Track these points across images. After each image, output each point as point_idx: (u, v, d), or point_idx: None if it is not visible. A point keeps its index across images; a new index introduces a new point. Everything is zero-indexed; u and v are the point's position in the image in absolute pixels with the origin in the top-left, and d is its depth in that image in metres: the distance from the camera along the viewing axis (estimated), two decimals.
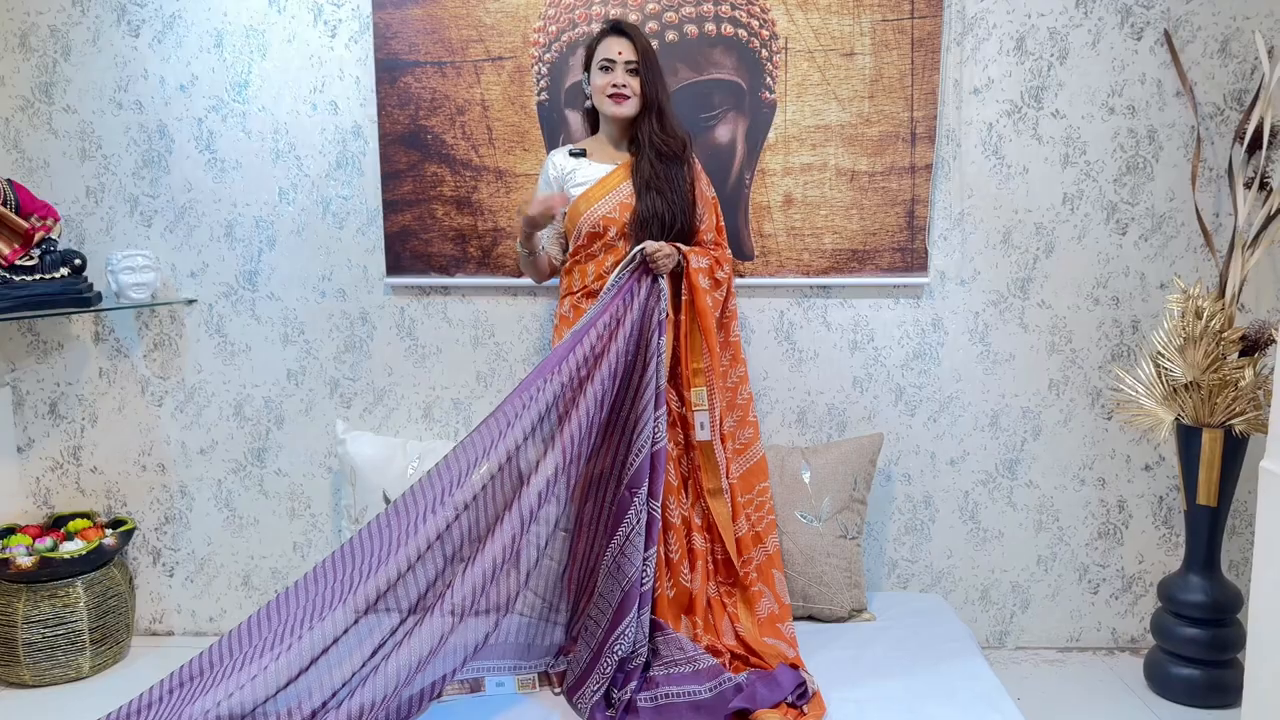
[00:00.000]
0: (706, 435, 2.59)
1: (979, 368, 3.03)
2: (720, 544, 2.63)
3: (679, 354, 2.59)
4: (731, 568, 2.62)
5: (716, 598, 2.62)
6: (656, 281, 2.48)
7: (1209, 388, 2.67)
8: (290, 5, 2.93)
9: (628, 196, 2.58)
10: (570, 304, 2.66)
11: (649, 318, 2.45)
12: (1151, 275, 2.97)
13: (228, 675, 2.09)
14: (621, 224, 2.58)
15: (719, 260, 2.63)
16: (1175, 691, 2.79)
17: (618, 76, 2.54)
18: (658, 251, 2.45)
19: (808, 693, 2.31)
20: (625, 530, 2.40)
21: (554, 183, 2.67)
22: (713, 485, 2.62)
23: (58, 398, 3.10)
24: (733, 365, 2.71)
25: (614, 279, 2.46)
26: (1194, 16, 2.85)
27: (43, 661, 2.82)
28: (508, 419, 2.31)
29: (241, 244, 3.03)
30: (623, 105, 2.56)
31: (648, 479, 2.41)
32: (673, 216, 2.55)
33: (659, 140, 2.57)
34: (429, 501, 2.25)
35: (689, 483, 2.63)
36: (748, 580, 2.61)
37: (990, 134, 2.93)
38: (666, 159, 2.57)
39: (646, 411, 2.41)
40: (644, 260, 2.46)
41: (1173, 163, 2.92)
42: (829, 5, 2.84)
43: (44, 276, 2.79)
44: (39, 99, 2.97)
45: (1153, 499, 3.07)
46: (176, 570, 3.18)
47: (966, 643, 2.64)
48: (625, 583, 2.38)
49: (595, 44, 2.59)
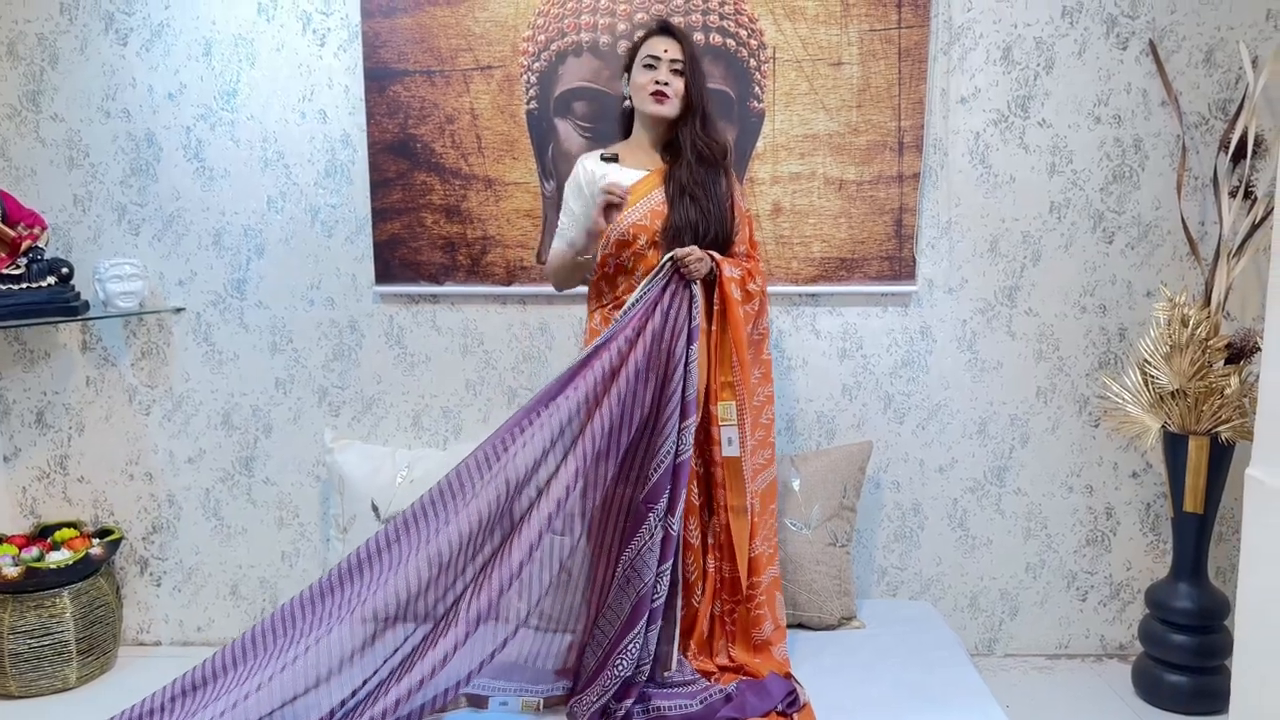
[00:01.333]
0: (735, 451, 2.46)
1: (967, 375, 3.04)
2: (730, 563, 2.49)
3: (708, 366, 2.46)
4: (736, 587, 2.49)
5: (719, 616, 2.54)
6: (689, 288, 2.36)
7: (1195, 395, 2.69)
8: (279, 14, 2.93)
9: (660, 204, 2.47)
10: (601, 317, 2.56)
11: (678, 326, 2.34)
12: (1138, 283, 2.99)
13: (230, 688, 2.08)
14: (652, 232, 2.46)
15: (751, 272, 2.51)
16: (1163, 698, 2.80)
17: (662, 74, 2.45)
18: (689, 255, 2.33)
19: (798, 701, 2.30)
20: (638, 544, 2.32)
21: (584, 187, 2.55)
22: (737, 503, 2.47)
23: (44, 407, 3.09)
24: (762, 383, 2.59)
25: (642, 289, 2.35)
26: (1179, 27, 2.88)
27: (29, 672, 2.80)
28: (521, 434, 2.26)
29: (230, 252, 3.03)
30: (664, 105, 2.46)
31: (667, 493, 2.32)
32: (707, 225, 2.44)
33: (701, 143, 2.47)
34: (439, 519, 2.22)
35: (710, 501, 2.53)
36: (754, 603, 2.50)
37: (977, 143, 2.94)
38: (707, 163, 2.47)
39: (670, 422, 2.32)
40: (674, 268, 2.36)
41: (1158, 172, 2.94)
42: (817, 15, 2.86)
43: (31, 285, 2.78)
44: (26, 107, 2.96)
45: (1140, 506, 3.09)
46: (164, 580, 3.17)
47: (955, 650, 2.65)
48: (635, 595, 2.31)
49: (640, 43, 2.51)
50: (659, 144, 2.57)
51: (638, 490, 2.36)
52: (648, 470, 2.35)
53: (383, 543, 2.23)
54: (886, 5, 2.85)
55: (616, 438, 2.30)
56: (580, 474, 2.24)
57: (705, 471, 2.52)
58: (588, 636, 2.40)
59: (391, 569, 2.19)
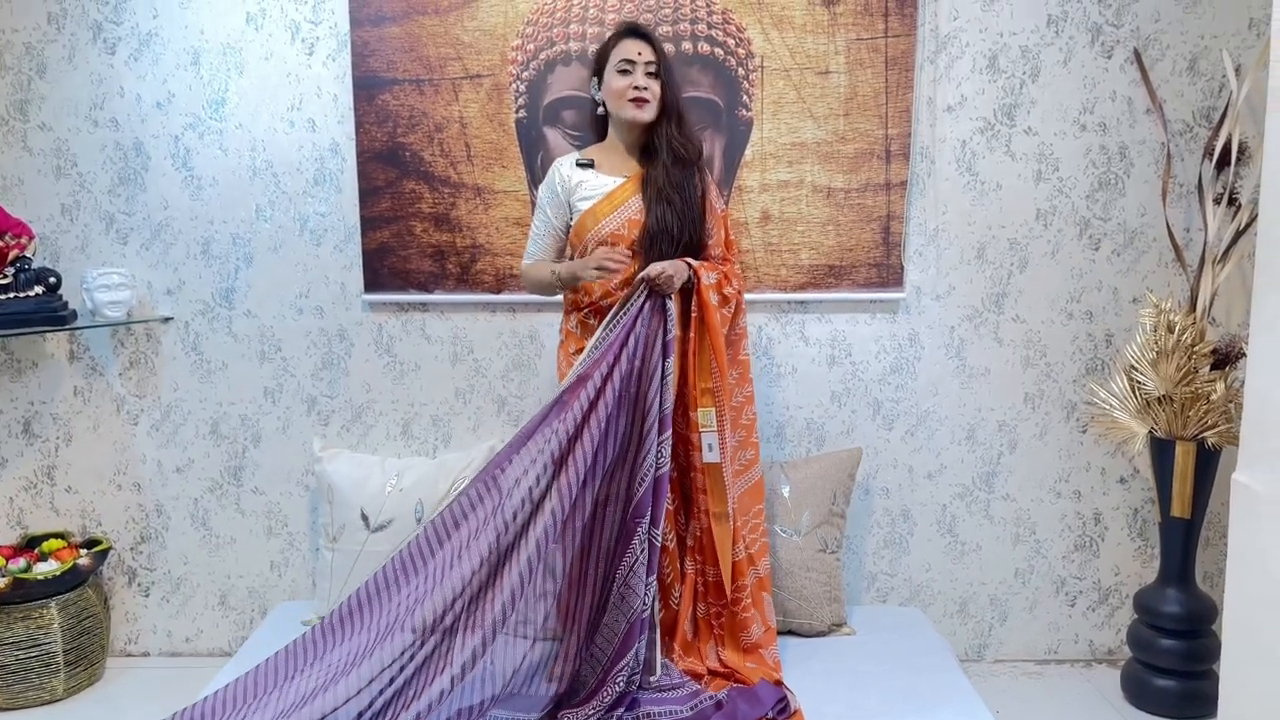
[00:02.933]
0: (715, 457, 2.46)
1: (955, 382, 3.05)
2: (713, 566, 2.51)
3: (685, 373, 2.48)
4: (721, 590, 2.51)
5: (705, 619, 2.56)
6: (664, 303, 2.38)
7: (1181, 401, 2.70)
8: (268, 23, 2.92)
9: (637, 211, 2.48)
10: (578, 320, 2.56)
11: (653, 342, 2.37)
12: (1124, 290, 3.01)
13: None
14: (630, 239, 2.47)
15: (727, 275, 2.52)
16: (1152, 703, 2.81)
17: (638, 78, 2.43)
18: (661, 275, 2.35)
19: (789, 708, 2.30)
20: (630, 560, 2.33)
21: (560, 194, 2.56)
22: (718, 509, 2.48)
23: (31, 417, 3.07)
24: (740, 384, 2.59)
25: (616, 312, 2.38)
26: (1163, 35, 2.90)
27: (16, 684, 2.78)
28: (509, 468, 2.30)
29: (218, 261, 3.02)
30: (644, 109, 2.45)
31: (650, 507, 2.34)
32: (681, 229, 2.46)
33: (678, 144, 2.47)
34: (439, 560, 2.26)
35: (687, 505, 2.55)
36: (739, 606, 2.51)
37: (964, 151, 2.96)
38: (682, 164, 2.47)
39: (650, 437, 2.34)
40: (648, 287, 2.37)
41: (1144, 179, 2.96)
42: (804, 24, 2.87)
43: (18, 295, 2.77)
44: (13, 116, 2.96)
45: (1128, 511, 3.10)
46: (152, 590, 3.15)
47: (945, 656, 2.66)
48: (630, 615, 2.32)
49: (609, 47, 2.49)
50: (635, 147, 2.57)
51: (625, 507, 2.38)
52: (633, 487, 2.37)
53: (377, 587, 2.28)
54: (873, 14, 2.86)
55: (601, 459, 2.33)
56: (569, 498, 2.26)
57: (682, 476, 2.54)
58: (579, 651, 2.39)
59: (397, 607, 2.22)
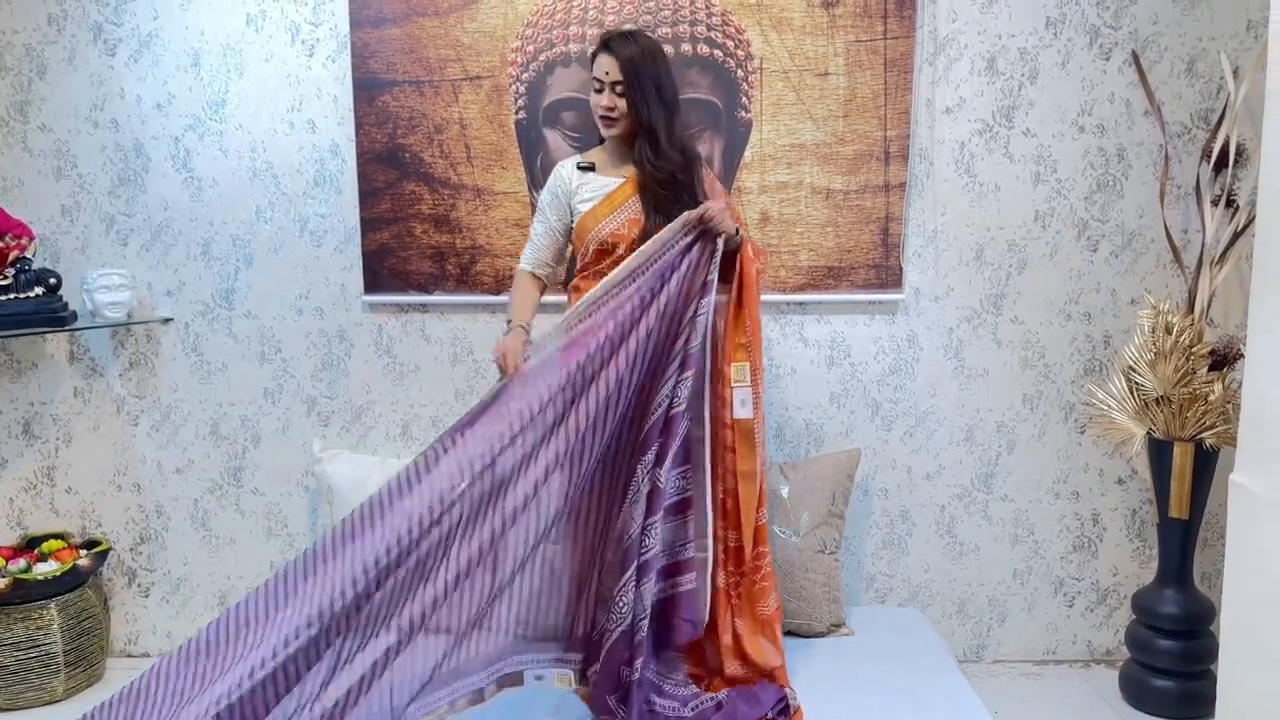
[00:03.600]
0: (748, 413, 2.39)
1: (954, 383, 3.06)
2: (735, 531, 2.44)
3: (717, 331, 2.42)
4: (741, 557, 2.44)
5: (725, 589, 2.46)
6: (714, 242, 2.33)
7: (1179, 402, 2.71)
8: (268, 25, 2.93)
9: (636, 212, 2.48)
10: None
11: (695, 280, 2.32)
12: (1122, 291, 3.01)
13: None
14: (630, 240, 2.46)
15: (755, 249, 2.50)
16: (1150, 703, 2.81)
17: (605, 99, 2.44)
18: (717, 215, 2.30)
19: (789, 709, 2.31)
20: (630, 497, 2.30)
21: (561, 196, 2.57)
22: (746, 468, 2.41)
23: (31, 417, 3.07)
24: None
25: (654, 243, 2.32)
26: (1161, 37, 2.91)
27: (16, 685, 2.78)
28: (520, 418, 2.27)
29: (218, 262, 3.02)
30: (612, 128, 2.48)
31: (656, 445, 2.28)
32: None
33: (650, 168, 2.44)
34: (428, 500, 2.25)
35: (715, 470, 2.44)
36: (759, 574, 2.46)
37: (962, 152, 2.96)
38: (666, 184, 2.45)
39: (670, 369, 2.30)
40: (701, 224, 2.31)
41: (1142, 180, 2.97)
42: (803, 26, 2.88)
43: (18, 296, 2.77)
44: (14, 117, 2.96)
45: (1126, 512, 3.11)
46: (152, 591, 3.15)
47: (943, 656, 2.66)
48: (623, 546, 2.29)
49: (592, 58, 2.48)
50: (628, 152, 2.56)
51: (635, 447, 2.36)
52: (644, 422, 2.33)
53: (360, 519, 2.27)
54: (872, 16, 2.87)
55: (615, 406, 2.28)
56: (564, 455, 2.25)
57: (713, 433, 2.43)
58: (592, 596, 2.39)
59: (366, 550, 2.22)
